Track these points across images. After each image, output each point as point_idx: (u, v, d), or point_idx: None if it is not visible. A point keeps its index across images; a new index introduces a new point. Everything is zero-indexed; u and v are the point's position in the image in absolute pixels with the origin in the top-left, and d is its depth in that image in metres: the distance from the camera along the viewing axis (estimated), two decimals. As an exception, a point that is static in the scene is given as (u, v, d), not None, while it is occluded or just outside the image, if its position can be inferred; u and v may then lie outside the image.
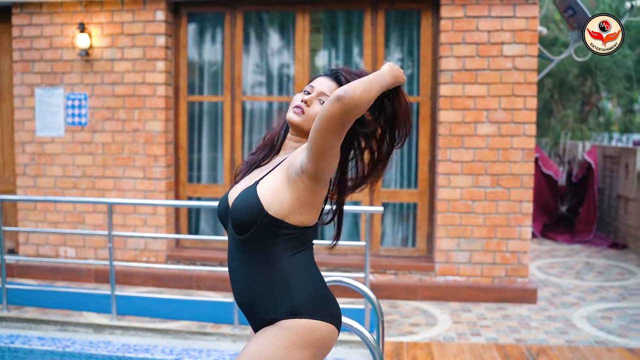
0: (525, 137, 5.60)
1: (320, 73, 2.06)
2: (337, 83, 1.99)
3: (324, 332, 1.89)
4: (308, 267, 1.95)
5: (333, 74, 2.02)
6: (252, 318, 1.97)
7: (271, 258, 1.90)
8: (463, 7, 5.55)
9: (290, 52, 6.19)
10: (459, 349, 4.51)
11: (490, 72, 5.58)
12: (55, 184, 6.23)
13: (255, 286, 1.92)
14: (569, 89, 13.30)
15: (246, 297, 1.95)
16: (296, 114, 1.96)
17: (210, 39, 6.30)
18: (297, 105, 1.96)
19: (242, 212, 1.88)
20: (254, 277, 1.92)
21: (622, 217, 8.56)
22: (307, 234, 1.94)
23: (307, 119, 1.95)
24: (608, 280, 6.60)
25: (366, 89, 1.75)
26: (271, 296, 1.90)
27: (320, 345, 1.89)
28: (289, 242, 1.91)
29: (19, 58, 6.19)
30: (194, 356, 4.42)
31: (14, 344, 4.58)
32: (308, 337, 1.87)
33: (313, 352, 1.88)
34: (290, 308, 1.87)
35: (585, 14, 5.74)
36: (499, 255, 5.70)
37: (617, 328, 5.02)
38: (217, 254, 6.16)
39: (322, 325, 1.89)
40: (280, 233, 1.89)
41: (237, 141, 6.23)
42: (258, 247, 1.91)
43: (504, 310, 5.49)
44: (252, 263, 1.92)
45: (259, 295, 1.91)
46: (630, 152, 8.26)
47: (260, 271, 1.91)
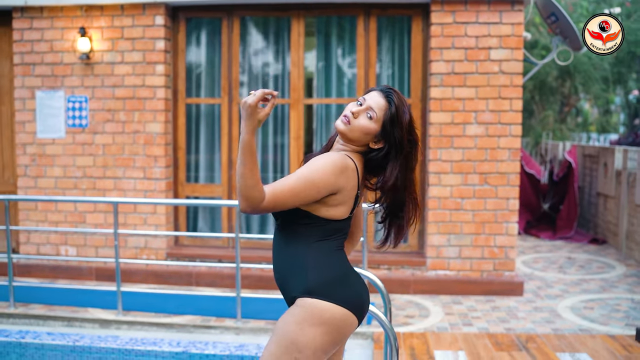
0: (512, 137, 5.88)
1: (376, 88, 2.25)
2: (387, 102, 2.18)
3: (335, 315, 2.10)
4: (330, 254, 2.18)
5: (386, 92, 2.20)
6: (284, 295, 2.25)
7: (298, 242, 2.17)
8: (452, 13, 5.82)
9: (286, 56, 6.41)
10: (453, 338, 4.77)
11: (478, 75, 5.85)
12: (56, 185, 6.37)
13: (285, 266, 2.20)
14: (549, 91, 13.71)
15: (278, 275, 2.25)
16: (343, 123, 2.18)
17: (208, 43, 6.49)
18: (346, 115, 2.18)
19: None
20: (284, 258, 2.21)
21: (601, 213, 8.91)
22: (334, 226, 2.17)
23: (352, 129, 2.17)
24: (589, 273, 6.91)
25: (242, 175, 2.01)
26: (294, 276, 2.17)
27: (332, 326, 2.10)
28: (315, 230, 2.16)
29: (20, 61, 6.32)
30: (200, 348, 4.61)
31: (25, 339, 4.73)
32: (318, 316, 2.09)
33: (325, 331, 2.09)
34: (305, 288, 2.13)
35: (567, 20, 6.04)
36: (487, 250, 5.97)
37: (599, 317, 5.32)
38: (216, 251, 6.35)
39: (333, 308, 2.11)
40: (307, 222, 2.16)
41: (234, 142, 6.43)
42: (289, 232, 2.20)
43: (493, 302, 5.76)
44: (284, 246, 2.21)
45: (286, 275, 2.20)
46: (609, 152, 8.61)
47: (289, 253, 2.19)
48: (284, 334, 2.11)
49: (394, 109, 2.16)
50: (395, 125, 2.15)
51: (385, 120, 2.16)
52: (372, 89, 2.27)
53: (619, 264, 7.36)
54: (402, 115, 2.17)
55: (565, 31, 6.29)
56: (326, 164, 2.09)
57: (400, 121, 2.16)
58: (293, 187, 2.04)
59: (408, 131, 2.18)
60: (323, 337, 2.10)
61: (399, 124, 2.16)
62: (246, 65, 6.52)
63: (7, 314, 5.25)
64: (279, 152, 6.51)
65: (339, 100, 6.38)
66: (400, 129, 2.16)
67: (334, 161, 2.10)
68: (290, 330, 2.09)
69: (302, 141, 6.37)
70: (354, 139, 2.19)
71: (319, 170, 2.08)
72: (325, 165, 2.08)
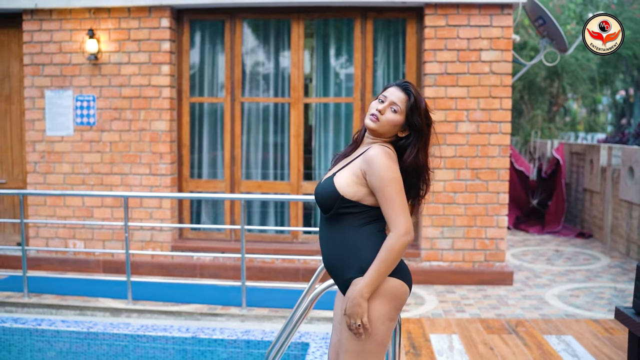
0: (502, 134, 6.19)
1: (391, 84, 2.53)
2: (406, 94, 2.46)
3: (392, 286, 2.37)
4: (377, 235, 2.44)
5: (404, 86, 2.48)
6: (336, 280, 2.50)
7: (348, 228, 2.42)
8: (445, 16, 6.11)
9: (286, 57, 6.69)
10: (447, 323, 5.06)
11: (469, 75, 6.15)
12: (65, 181, 6.61)
13: (336, 252, 2.44)
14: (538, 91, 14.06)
15: (330, 262, 2.48)
16: (372, 121, 2.45)
17: (211, 44, 6.76)
18: (373, 113, 2.45)
19: (323, 197, 2.43)
20: (335, 245, 2.44)
21: (587, 209, 9.25)
22: (378, 211, 2.43)
23: (381, 124, 2.44)
24: (575, 265, 7.24)
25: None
26: (347, 259, 2.41)
27: (391, 296, 2.38)
28: (361, 216, 2.43)
29: (30, 62, 6.56)
30: (208, 333, 4.88)
31: (41, 326, 4.99)
32: (382, 289, 2.36)
33: (387, 301, 2.37)
34: (360, 268, 2.37)
35: (553, 23, 6.36)
36: (478, 242, 6.27)
37: (584, 304, 5.63)
38: (218, 244, 6.61)
39: (390, 280, 2.37)
40: (354, 211, 2.42)
41: (236, 140, 6.70)
42: (338, 221, 2.43)
43: (484, 291, 6.06)
44: (334, 234, 2.45)
45: (338, 260, 2.43)
46: (595, 149, 8.95)
47: (340, 240, 2.43)
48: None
49: (413, 99, 2.44)
50: (416, 114, 2.44)
51: (408, 110, 2.45)
52: (389, 85, 2.54)
53: (603, 256, 7.69)
54: (420, 103, 2.45)
55: (552, 34, 6.61)
56: (388, 161, 2.36)
57: (419, 109, 2.45)
58: (399, 199, 2.34)
59: (426, 116, 2.47)
60: (386, 308, 2.37)
61: (418, 112, 2.44)
62: (248, 65, 6.79)
63: (22, 304, 5.49)
64: (279, 149, 6.78)
65: (337, 100, 6.67)
66: (420, 116, 2.45)
67: (388, 153, 2.38)
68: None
69: (301, 139, 6.64)
70: (384, 133, 2.47)
71: (391, 168, 2.35)
72: (388, 162, 2.35)
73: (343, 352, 2.44)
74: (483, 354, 4.39)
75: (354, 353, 2.39)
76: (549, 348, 4.50)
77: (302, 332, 4.83)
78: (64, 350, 4.85)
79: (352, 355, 2.40)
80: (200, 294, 5.85)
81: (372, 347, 2.38)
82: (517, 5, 6.17)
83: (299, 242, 6.67)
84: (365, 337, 2.36)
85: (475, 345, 4.55)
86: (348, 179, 2.41)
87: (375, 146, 2.42)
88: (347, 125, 6.66)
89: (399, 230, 2.31)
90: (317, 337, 4.73)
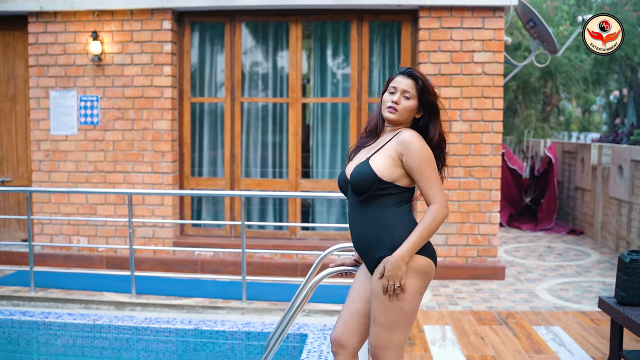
0: (494, 133, 6.38)
1: (396, 73, 2.70)
2: (413, 80, 2.64)
3: (420, 262, 2.57)
4: (408, 215, 2.65)
5: (409, 72, 2.66)
6: (366, 259, 2.69)
7: (381, 210, 2.61)
8: (439, 19, 6.31)
9: (285, 58, 6.88)
10: (440, 315, 5.25)
11: (462, 76, 6.34)
12: (69, 179, 6.79)
13: (369, 232, 2.63)
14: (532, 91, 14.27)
15: (361, 242, 2.67)
16: (391, 112, 2.64)
17: (212, 45, 6.94)
18: (390, 106, 2.64)
19: (360, 179, 2.59)
20: (368, 225, 2.63)
21: (579, 206, 9.45)
22: (408, 192, 2.65)
23: (400, 113, 2.64)
24: (566, 260, 7.44)
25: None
26: (379, 239, 2.60)
27: (420, 272, 2.58)
28: (395, 197, 2.62)
29: (35, 63, 6.74)
30: (210, 325, 5.06)
31: (48, 319, 5.16)
32: (411, 267, 2.55)
33: (416, 277, 2.57)
34: (392, 245, 2.57)
35: (544, 26, 6.56)
36: (471, 238, 6.47)
37: (572, 297, 5.83)
38: (218, 240, 6.79)
39: (418, 258, 2.57)
40: (390, 192, 2.61)
41: (236, 138, 6.89)
42: (372, 203, 2.62)
43: (477, 285, 6.26)
44: (367, 215, 2.63)
45: (371, 239, 2.62)
46: (586, 148, 9.15)
47: (373, 220, 2.62)
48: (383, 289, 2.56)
49: (421, 82, 2.64)
50: (426, 94, 2.64)
51: (419, 94, 2.63)
52: (394, 75, 2.71)
53: (594, 252, 7.89)
54: (427, 83, 2.65)
55: (543, 36, 6.81)
56: (422, 142, 2.57)
57: (428, 89, 2.64)
58: (437, 176, 2.56)
59: (434, 93, 2.67)
60: (416, 283, 2.58)
61: (428, 92, 2.64)
62: (247, 66, 6.97)
63: (29, 298, 5.66)
64: (278, 148, 6.97)
65: (334, 100, 6.86)
66: (430, 95, 2.64)
67: (419, 136, 2.60)
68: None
69: (299, 138, 6.83)
70: (403, 120, 2.66)
71: (426, 148, 2.56)
72: (422, 143, 2.57)
73: (375, 325, 2.61)
74: (474, 343, 4.59)
75: (387, 326, 2.59)
76: (538, 338, 4.69)
77: (300, 324, 5.02)
78: (71, 341, 5.03)
79: (384, 327, 2.59)
80: (201, 288, 6.03)
81: (403, 320, 2.59)
82: (508, 8, 6.37)
83: (297, 238, 6.86)
84: (398, 301, 2.55)
85: (467, 336, 4.74)
86: (384, 161, 2.59)
87: (406, 130, 2.62)
88: (344, 125, 6.85)
89: (440, 203, 2.52)
90: (315, 328, 4.92)
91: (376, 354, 2.64)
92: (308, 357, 4.30)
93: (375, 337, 2.62)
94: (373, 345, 2.64)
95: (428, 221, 2.52)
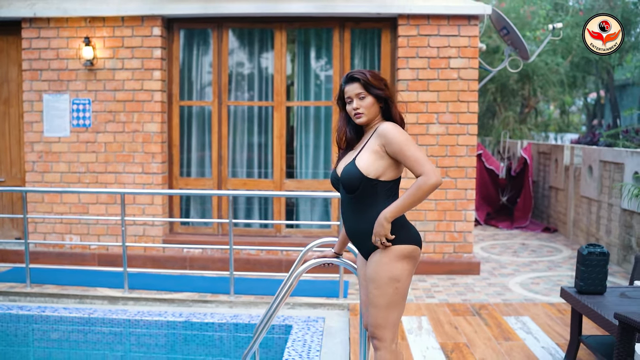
0: (469, 135, 6.73)
1: (342, 84, 2.99)
2: (356, 82, 2.92)
3: (409, 250, 2.91)
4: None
5: (350, 78, 2.95)
6: (361, 246, 3.01)
7: (372, 204, 2.91)
8: (417, 27, 6.64)
9: (270, 63, 7.18)
10: (417, 307, 5.58)
11: (439, 81, 6.68)
12: (62, 179, 7.03)
13: (363, 224, 2.93)
14: (510, 93, 14.68)
15: (356, 233, 2.99)
16: (359, 117, 2.94)
17: (200, 51, 7.22)
18: (355, 114, 2.94)
19: (349, 179, 2.89)
20: (362, 218, 2.94)
21: (553, 205, 9.85)
22: (395, 184, 2.96)
23: (366, 115, 2.93)
24: (539, 256, 7.81)
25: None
26: (371, 230, 2.89)
27: (409, 257, 2.92)
28: (384, 192, 2.92)
29: (28, 67, 6.97)
30: (200, 317, 5.34)
31: (45, 312, 5.42)
32: (399, 254, 2.89)
33: (407, 261, 2.91)
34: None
35: (516, 33, 6.91)
36: (448, 235, 6.80)
37: (542, 290, 6.19)
38: (206, 238, 7.07)
39: (407, 246, 2.90)
40: (378, 188, 2.91)
41: (223, 140, 7.17)
42: (363, 199, 2.92)
43: (453, 280, 6.60)
44: (360, 210, 2.94)
45: (365, 230, 2.93)
46: (559, 149, 9.55)
47: (365, 214, 2.92)
48: (380, 274, 2.89)
49: (362, 79, 2.92)
50: (372, 87, 2.92)
51: (367, 90, 2.92)
52: (341, 85, 3.01)
53: (566, 248, 8.28)
54: (368, 77, 2.92)
55: (515, 43, 7.17)
56: (397, 127, 2.86)
57: (371, 82, 2.92)
58: (419, 152, 2.82)
59: (379, 80, 2.94)
60: (407, 266, 2.92)
61: (372, 84, 2.92)
62: (233, 71, 7.26)
63: (25, 293, 5.91)
64: (263, 149, 7.26)
65: (317, 103, 7.17)
66: (376, 86, 2.92)
67: (393, 124, 2.90)
68: (386, 270, 2.88)
69: (284, 140, 7.13)
70: (373, 116, 2.96)
71: (402, 132, 2.85)
72: (398, 128, 2.86)
73: (372, 307, 2.93)
74: (448, 332, 4.92)
75: (384, 306, 2.91)
76: (507, 327, 5.03)
77: (285, 316, 5.32)
78: (68, 333, 5.28)
79: (382, 308, 2.91)
80: (191, 283, 6.31)
81: (399, 299, 2.92)
82: (482, 17, 6.71)
83: (282, 236, 7.16)
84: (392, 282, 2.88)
85: (442, 325, 5.07)
86: (368, 158, 2.88)
87: (382, 123, 2.92)
88: (326, 127, 7.16)
89: (427, 173, 2.77)
90: (299, 320, 5.22)
91: (375, 332, 2.96)
92: (293, 345, 4.60)
93: (374, 318, 2.93)
94: (372, 325, 2.95)
95: (413, 189, 2.78)
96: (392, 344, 2.95)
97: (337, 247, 3.37)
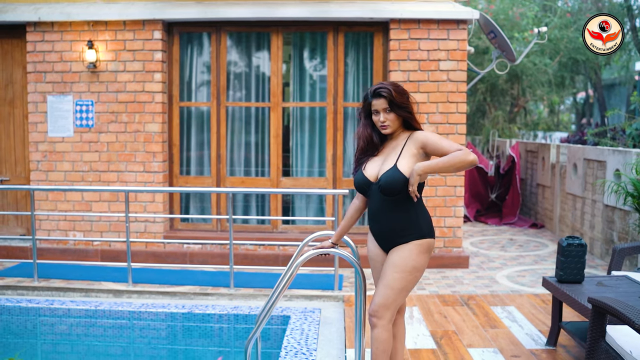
0: (458, 135, 7.02)
1: (369, 96, 3.27)
2: (382, 98, 3.22)
3: (432, 243, 3.30)
4: (424, 205, 3.33)
5: (378, 93, 3.24)
6: (387, 242, 3.31)
7: (407, 205, 3.24)
8: (408, 30, 6.92)
9: (266, 65, 7.44)
10: (409, 298, 5.86)
11: (429, 83, 6.96)
12: (65, 178, 7.27)
13: (397, 224, 3.25)
14: (500, 93, 15.01)
15: (387, 232, 3.29)
16: (384, 129, 3.26)
17: (199, 54, 7.49)
18: (381, 125, 3.25)
19: (393, 182, 3.16)
20: (396, 218, 3.24)
21: (540, 202, 10.17)
22: (421, 187, 3.28)
23: (391, 126, 3.26)
24: (526, 251, 8.12)
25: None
26: (407, 229, 3.24)
27: (430, 250, 3.31)
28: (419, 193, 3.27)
29: (33, 69, 7.21)
30: (202, 309, 5.60)
31: (53, 305, 5.67)
32: (425, 248, 3.27)
33: (428, 255, 3.29)
34: (421, 233, 3.24)
35: (503, 37, 7.21)
36: (438, 230, 7.09)
37: (528, 282, 6.49)
38: (206, 234, 7.33)
39: (431, 240, 3.30)
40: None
41: (222, 140, 7.43)
42: (400, 201, 3.23)
43: (443, 273, 6.89)
44: (395, 211, 3.24)
45: (398, 230, 3.25)
46: (546, 148, 9.86)
47: (401, 215, 3.24)
48: (407, 263, 3.22)
49: (389, 96, 3.21)
50: (397, 102, 3.22)
51: (392, 104, 3.22)
52: (369, 98, 3.29)
53: (552, 243, 8.59)
54: (393, 94, 3.21)
55: (502, 46, 7.47)
56: (429, 133, 3.22)
57: (396, 98, 3.22)
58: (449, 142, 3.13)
59: (402, 95, 3.24)
60: (426, 258, 3.30)
61: (398, 100, 3.22)
62: (231, 73, 7.53)
63: (32, 287, 6.15)
64: (260, 148, 7.53)
65: (312, 104, 7.44)
66: (401, 101, 3.23)
67: (426, 131, 3.25)
68: (412, 260, 3.22)
69: (280, 139, 7.40)
70: (397, 127, 3.28)
71: (433, 133, 3.24)
72: (430, 133, 3.22)
73: (387, 288, 3.24)
74: (438, 320, 5.20)
75: (398, 289, 3.24)
76: (494, 316, 5.33)
77: (283, 307, 5.59)
78: (76, 325, 5.54)
79: (395, 291, 3.24)
80: (192, 277, 6.57)
81: (410, 286, 3.29)
82: (471, 21, 7.00)
83: (279, 232, 7.43)
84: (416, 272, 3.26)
85: (432, 315, 5.36)
86: (408, 163, 3.18)
87: (416, 132, 3.25)
88: (321, 127, 7.44)
89: (463, 149, 3.06)
90: (296, 311, 5.49)
91: (378, 311, 3.26)
92: (291, 333, 4.88)
93: (385, 297, 3.24)
94: (378, 303, 3.26)
95: (450, 156, 3.05)
96: (389, 324, 3.27)
97: (335, 237, 3.65)
